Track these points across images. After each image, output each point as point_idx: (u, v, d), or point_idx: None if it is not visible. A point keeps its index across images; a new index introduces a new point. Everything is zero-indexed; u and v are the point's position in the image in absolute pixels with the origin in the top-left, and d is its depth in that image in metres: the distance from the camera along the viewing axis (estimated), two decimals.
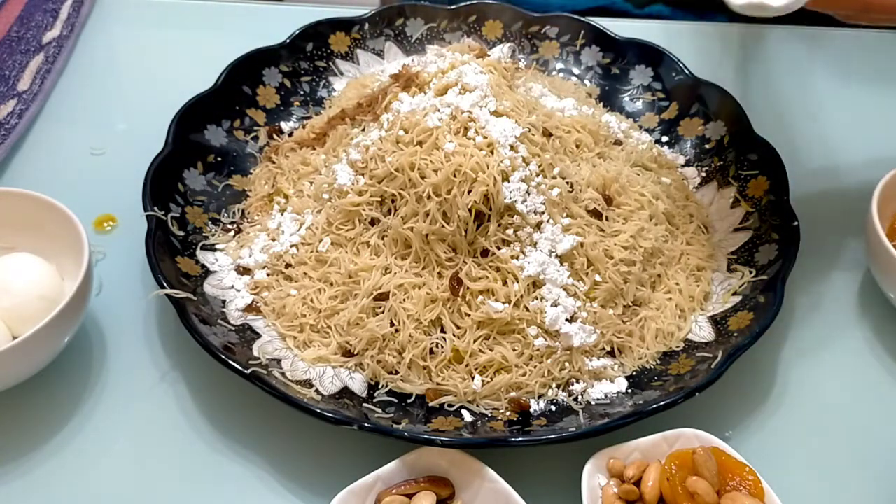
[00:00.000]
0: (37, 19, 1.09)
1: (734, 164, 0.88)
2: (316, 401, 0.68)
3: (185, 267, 0.77)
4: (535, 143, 0.77)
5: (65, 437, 0.70)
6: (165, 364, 0.75)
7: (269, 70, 0.95)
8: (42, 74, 1.01)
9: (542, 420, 0.69)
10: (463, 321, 0.72)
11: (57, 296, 0.71)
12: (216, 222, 0.84)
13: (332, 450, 0.69)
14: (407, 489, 0.64)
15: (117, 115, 1.01)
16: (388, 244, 0.75)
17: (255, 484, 0.68)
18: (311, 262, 0.77)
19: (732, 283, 0.79)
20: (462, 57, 0.83)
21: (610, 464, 0.65)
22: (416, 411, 0.70)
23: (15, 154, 0.93)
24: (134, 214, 0.80)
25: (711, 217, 0.87)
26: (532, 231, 0.74)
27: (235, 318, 0.76)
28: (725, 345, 0.72)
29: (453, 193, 0.72)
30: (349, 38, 1.00)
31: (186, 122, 0.87)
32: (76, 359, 0.75)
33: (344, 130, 0.85)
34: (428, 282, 0.73)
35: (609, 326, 0.74)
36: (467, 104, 0.76)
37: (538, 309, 0.72)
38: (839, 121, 1.00)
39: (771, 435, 0.72)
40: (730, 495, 0.62)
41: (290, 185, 0.85)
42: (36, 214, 0.75)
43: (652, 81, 0.97)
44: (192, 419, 0.72)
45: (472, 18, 1.02)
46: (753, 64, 1.08)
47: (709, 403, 0.71)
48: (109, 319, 0.78)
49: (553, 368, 0.72)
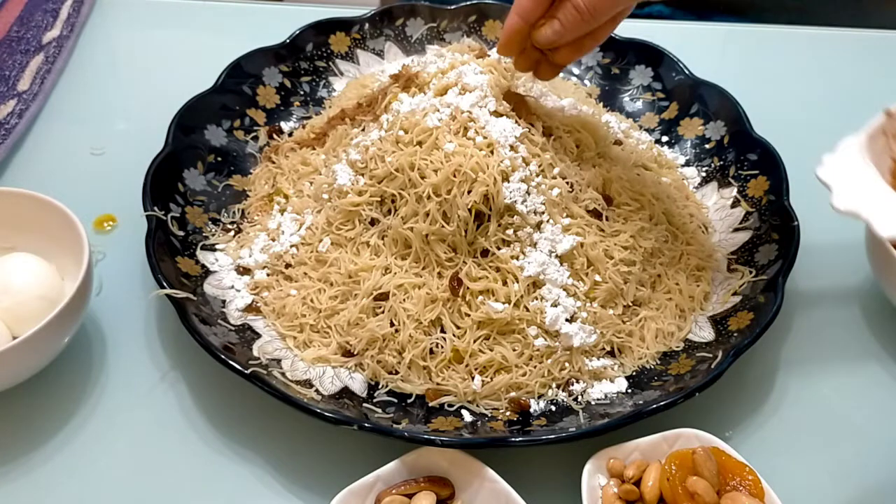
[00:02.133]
0: (37, 19, 1.09)
1: (734, 164, 0.88)
2: (316, 401, 0.68)
3: (185, 267, 0.77)
4: (535, 143, 0.77)
5: (65, 437, 0.70)
6: (165, 364, 0.75)
7: (269, 70, 0.96)
8: (42, 74, 1.01)
9: (542, 420, 0.69)
10: (463, 321, 0.72)
11: (57, 296, 0.71)
12: (216, 222, 0.84)
13: (332, 450, 0.69)
14: (407, 489, 0.64)
15: (117, 115, 1.01)
16: (388, 244, 0.75)
17: (255, 484, 0.68)
18: (311, 262, 0.77)
19: (732, 283, 0.79)
20: (462, 57, 0.83)
21: (610, 464, 0.65)
22: (416, 411, 0.70)
23: (15, 154, 0.93)
24: (134, 214, 0.80)
25: (711, 217, 0.87)
26: (532, 231, 0.74)
27: (235, 318, 0.76)
28: (725, 345, 0.72)
29: (453, 193, 0.72)
30: (349, 38, 1.00)
31: (186, 122, 0.87)
32: (76, 359, 0.75)
33: (344, 130, 0.85)
34: (428, 282, 0.73)
35: (609, 326, 0.74)
36: (467, 104, 0.76)
37: (538, 309, 0.72)
38: (839, 121, 1.00)
39: (771, 435, 0.72)
40: (730, 495, 0.62)
41: (290, 185, 0.86)
42: (36, 214, 0.75)
43: (652, 81, 0.97)
44: (192, 419, 0.72)
45: (472, 18, 1.02)
46: (753, 64, 1.08)
47: (709, 403, 0.71)
48: (109, 319, 0.78)
49: (553, 368, 0.72)
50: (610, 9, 0.70)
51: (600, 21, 0.70)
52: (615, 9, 0.70)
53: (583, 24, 0.69)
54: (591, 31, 0.71)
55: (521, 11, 0.71)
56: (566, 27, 0.70)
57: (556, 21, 0.70)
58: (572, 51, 0.74)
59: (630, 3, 0.71)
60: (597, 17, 0.69)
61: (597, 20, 0.70)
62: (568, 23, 0.70)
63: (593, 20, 0.69)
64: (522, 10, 0.71)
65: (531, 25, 0.71)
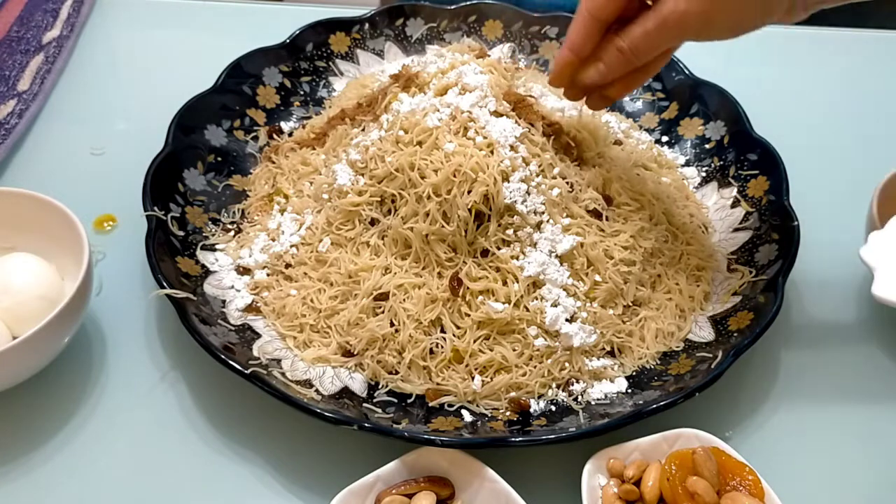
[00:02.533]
0: (37, 19, 1.09)
1: (734, 164, 0.88)
2: (316, 401, 0.68)
3: (185, 267, 0.77)
4: (535, 143, 0.77)
5: (65, 437, 0.70)
6: (165, 364, 0.75)
7: (269, 70, 0.96)
8: (42, 74, 1.01)
9: (542, 420, 0.69)
10: (463, 321, 0.72)
11: (57, 296, 0.71)
12: (216, 222, 0.84)
13: (332, 450, 0.69)
14: (407, 489, 0.64)
15: (117, 115, 1.01)
16: (388, 244, 0.75)
17: (255, 484, 0.68)
18: (311, 262, 0.77)
19: (732, 283, 0.79)
20: (462, 57, 0.83)
21: (610, 464, 0.65)
22: (416, 411, 0.70)
23: (15, 154, 0.93)
24: (134, 214, 0.80)
25: (711, 217, 0.87)
26: (532, 231, 0.74)
27: (235, 318, 0.76)
28: (725, 345, 0.72)
29: (453, 193, 0.72)
30: (349, 38, 1.00)
31: (186, 122, 0.87)
32: (76, 359, 0.75)
33: (344, 130, 0.85)
34: (428, 282, 0.73)
35: (609, 326, 0.74)
36: (467, 104, 0.76)
37: (538, 309, 0.72)
38: (839, 121, 1.00)
39: (771, 435, 0.72)
40: (730, 495, 0.62)
41: (290, 185, 0.86)
42: (36, 214, 0.75)
43: (652, 81, 0.97)
44: (192, 419, 0.72)
45: (472, 18, 1.02)
46: (753, 64, 1.08)
47: (709, 403, 0.71)
48: (109, 319, 0.78)
49: (553, 368, 0.72)
50: (652, 50, 0.69)
51: (644, 60, 0.70)
52: (657, 49, 0.70)
53: (626, 64, 0.70)
54: (642, 66, 0.71)
55: (572, 46, 0.71)
56: (610, 68, 0.70)
57: (601, 63, 0.70)
58: (623, 86, 0.74)
59: (674, 43, 0.70)
60: (640, 57, 0.69)
61: (640, 59, 0.69)
62: (612, 64, 0.70)
63: (636, 60, 0.69)
64: (573, 45, 0.70)
65: (581, 59, 0.71)
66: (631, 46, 0.68)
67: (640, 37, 0.67)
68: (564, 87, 0.74)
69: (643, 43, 0.68)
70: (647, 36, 0.67)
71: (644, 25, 0.67)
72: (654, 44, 0.68)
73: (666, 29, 0.66)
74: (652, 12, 0.66)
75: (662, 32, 0.67)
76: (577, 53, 0.71)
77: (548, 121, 0.79)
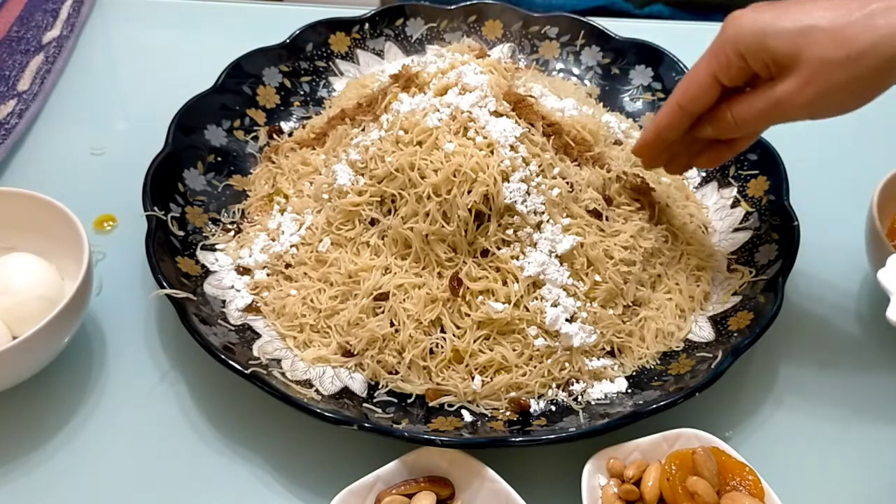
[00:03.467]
0: (37, 19, 1.09)
1: (734, 164, 0.88)
2: (316, 401, 0.68)
3: (185, 267, 0.77)
4: (535, 143, 0.77)
5: (65, 437, 0.70)
6: (165, 364, 0.75)
7: (269, 70, 0.96)
8: (42, 74, 1.01)
9: (542, 420, 0.69)
10: (463, 321, 0.72)
11: (57, 296, 0.71)
12: (216, 222, 0.84)
13: (332, 450, 0.69)
14: (407, 489, 0.64)
15: (117, 115, 1.01)
16: (388, 244, 0.75)
17: (255, 484, 0.68)
18: (311, 262, 0.77)
19: (732, 283, 0.79)
20: (462, 57, 0.83)
21: (610, 464, 0.65)
22: (416, 411, 0.70)
23: (15, 154, 0.93)
24: (134, 214, 0.80)
25: (711, 217, 0.87)
26: (532, 231, 0.74)
27: (235, 318, 0.76)
28: (725, 345, 0.72)
29: (453, 193, 0.72)
30: (349, 38, 1.00)
31: (186, 122, 0.87)
32: (76, 359, 0.75)
33: (344, 130, 0.85)
34: (428, 282, 0.73)
35: (609, 326, 0.74)
36: (467, 104, 0.76)
37: (538, 309, 0.72)
38: (839, 121, 1.00)
39: (771, 435, 0.72)
40: (730, 495, 0.62)
41: (290, 185, 0.85)
42: (36, 214, 0.75)
43: (652, 81, 0.97)
44: (192, 419, 0.72)
45: (472, 18, 1.02)
46: None
47: (709, 403, 0.71)
48: (109, 319, 0.78)
49: (553, 368, 0.72)
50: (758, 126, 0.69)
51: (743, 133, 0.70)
52: (762, 127, 0.71)
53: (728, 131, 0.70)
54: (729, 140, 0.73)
55: (659, 131, 0.72)
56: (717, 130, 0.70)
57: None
58: (709, 159, 0.76)
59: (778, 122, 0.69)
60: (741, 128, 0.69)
61: (740, 131, 0.70)
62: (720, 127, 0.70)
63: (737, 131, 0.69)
64: (660, 130, 0.72)
65: (665, 145, 0.73)
66: (737, 119, 0.68)
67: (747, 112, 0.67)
68: (644, 163, 0.78)
69: (751, 118, 0.67)
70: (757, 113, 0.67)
71: (754, 104, 0.66)
72: (760, 122, 0.68)
73: (777, 111, 0.66)
74: (761, 93, 0.66)
75: (771, 113, 0.66)
76: (663, 140, 0.73)
77: (548, 121, 0.79)
